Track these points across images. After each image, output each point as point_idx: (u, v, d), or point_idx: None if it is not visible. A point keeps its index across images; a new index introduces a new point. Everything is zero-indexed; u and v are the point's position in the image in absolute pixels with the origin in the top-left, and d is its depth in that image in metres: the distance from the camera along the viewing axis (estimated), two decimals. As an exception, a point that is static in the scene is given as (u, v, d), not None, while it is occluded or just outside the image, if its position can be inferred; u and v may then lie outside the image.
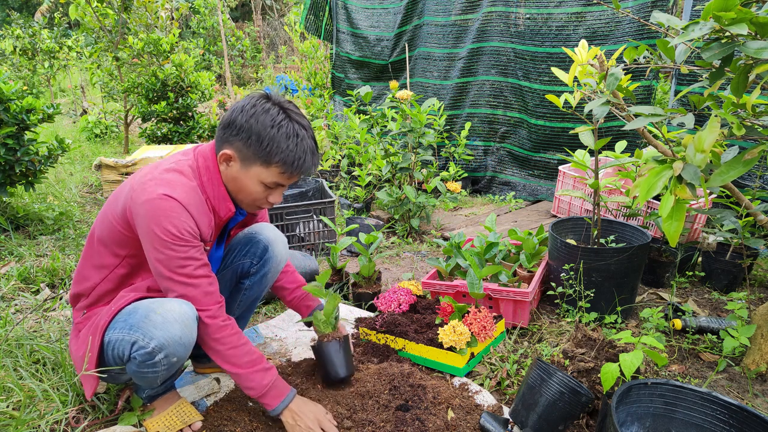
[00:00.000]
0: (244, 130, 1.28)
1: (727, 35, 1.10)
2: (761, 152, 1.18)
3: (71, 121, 8.50)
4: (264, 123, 1.28)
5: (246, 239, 1.65)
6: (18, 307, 2.28)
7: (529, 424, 1.39)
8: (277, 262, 1.67)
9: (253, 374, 1.38)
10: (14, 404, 1.51)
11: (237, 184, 1.36)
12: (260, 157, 1.30)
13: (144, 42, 5.32)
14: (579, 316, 2.03)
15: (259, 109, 1.29)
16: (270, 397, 1.40)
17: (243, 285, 1.67)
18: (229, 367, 1.37)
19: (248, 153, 1.30)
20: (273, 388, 1.40)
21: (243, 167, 1.33)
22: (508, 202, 4.13)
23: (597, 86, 1.72)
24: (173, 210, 1.25)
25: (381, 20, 5.10)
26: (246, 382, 1.38)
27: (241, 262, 1.64)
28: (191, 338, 1.31)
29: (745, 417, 1.21)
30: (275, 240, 1.66)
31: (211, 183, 1.36)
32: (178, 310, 1.28)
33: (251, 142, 1.29)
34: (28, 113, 3.00)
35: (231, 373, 1.38)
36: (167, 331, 1.25)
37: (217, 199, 1.37)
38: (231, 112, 1.32)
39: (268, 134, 1.28)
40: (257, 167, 1.32)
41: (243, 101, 1.32)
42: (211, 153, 1.38)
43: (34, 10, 14.89)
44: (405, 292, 2.06)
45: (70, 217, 3.54)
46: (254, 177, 1.33)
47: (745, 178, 2.94)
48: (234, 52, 11.63)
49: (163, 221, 1.24)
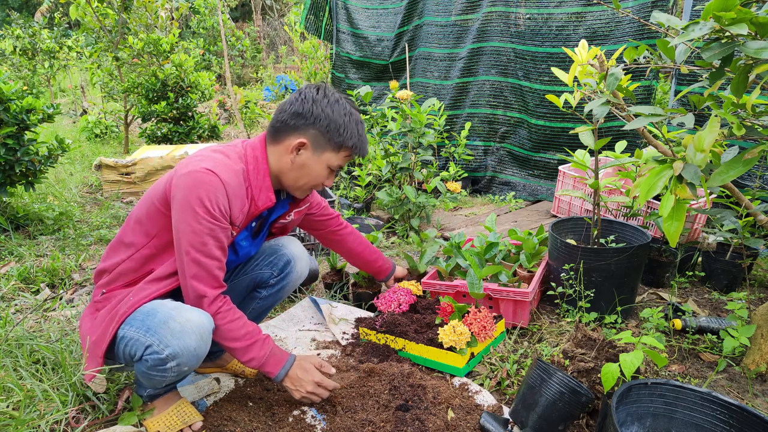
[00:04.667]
0: (322, 118, 1.39)
1: (727, 35, 1.10)
2: (761, 152, 1.18)
3: (71, 121, 8.49)
4: (339, 112, 1.40)
5: (271, 250, 1.69)
6: (18, 307, 2.28)
7: (529, 424, 1.39)
8: (297, 277, 1.73)
9: (252, 346, 1.40)
10: (14, 404, 1.51)
11: (304, 169, 1.44)
12: (335, 142, 1.41)
13: (144, 42, 5.32)
14: (579, 316, 2.03)
15: (331, 99, 1.41)
16: (271, 365, 1.43)
17: (259, 294, 1.69)
18: (228, 342, 1.39)
19: (323, 140, 1.41)
20: (272, 356, 1.43)
21: (315, 153, 1.42)
22: (508, 202, 4.13)
23: (597, 86, 1.72)
24: (212, 184, 1.29)
25: (381, 20, 5.10)
26: (246, 354, 1.40)
27: (261, 272, 1.67)
28: (205, 350, 1.34)
29: (745, 417, 1.21)
30: (300, 257, 1.71)
31: (256, 172, 1.42)
32: (197, 321, 1.30)
33: (329, 129, 1.40)
34: (28, 113, 3.00)
35: (229, 348, 1.40)
36: (183, 341, 1.26)
37: (259, 189, 1.42)
38: (300, 103, 1.40)
39: (344, 122, 1.40)
40: (329, 152, 1.43)
41: (307, 92, 1.41)
42: (261, 144, 1.45)
43: (34, 10, 14.88)
44: (405, 292, 2.06)
45: (70, 217, 3.54)
46: (324, 162, 1.43)
47: (745, 178, 2.94)
48: (234, 52, 11.63)
49: (200, 192, 1.28)
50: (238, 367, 1.77)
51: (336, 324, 2.12)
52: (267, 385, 1.68)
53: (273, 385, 1.67)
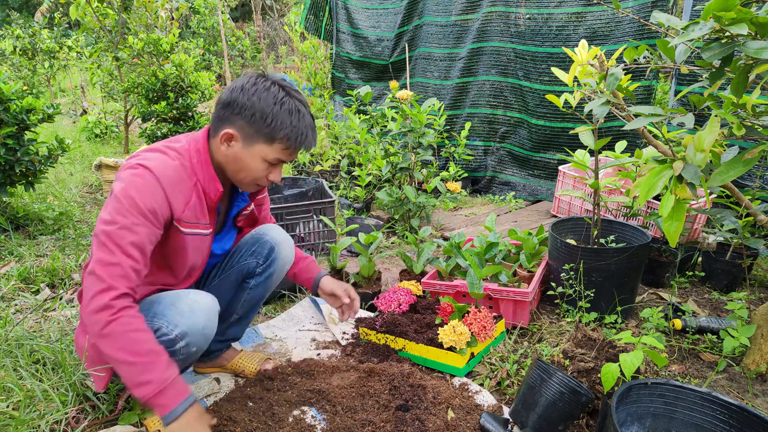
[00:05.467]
0: (247, 108, 1.29)
1: (727, 35, 1.10)
2: (761, 152, 1.18)
3: (71, 121, 8.49)
4: (267, 100, 1.29)
5: (253, 239, 1.66)
6: (18, 307, 2.28)
7: (529, 424, 1.39)
8: (283, 263, 1.69)
9: (155, 363, 1.17)
10: (14, 404, 1.51)
11: (239, 163, 1.36)
12: (264, 134, 1.31)
13: (144, 42, 5.32)
14: (579, 316, 2.03)
15: (260, 87, 1.30)
16: (169, 395, 1.17)
17: (248, 284, 1.68)
18: (125, 355, 1.15)
19: (251, 131, 1.31)
20: (175, 384, 1.18)
21: (245, 145, 1.33)
22: (508, 202, 4.13)
23: (597, 86, 1.72)
24: (143, 177, 1.23)
25: (381, 20, 5.10)
26: (143, 373, 1.15)
27: (247, 262, 1.65)
28: (212, 330, 1.33)
29: (745, 417, 1.21)
30: (282, 242, 1.67)
31: (200, 165, 1.36)
32: (204, 302, 1.30)
33: (255, 119, 1.30)
34: (28, 113, 3.00)
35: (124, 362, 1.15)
36: (192, 320, 1.27)
37: (206, 181, 1.37)
38: (230, 92, 1.32)
39: (272, 111, 1.29)
40: (260, 144, 1.33)
41: (241, 80, 1.33)
42: (202, 136, 1.38)
43: (34, 10, 14.89)
44: (405, 292, 2.06)
45: (70, 217, 3.53)
46: (257, 154, 1.34)
47: (745, 178, 2.94)
48: (234, 52, 11.63)
49: (128, 187, 1.22)
50: (238, 367, 1.77)
51: (336, 324, 2.12)
52: (267, 385, 1.68)
53: (273, 384, 1.67)
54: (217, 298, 1.66)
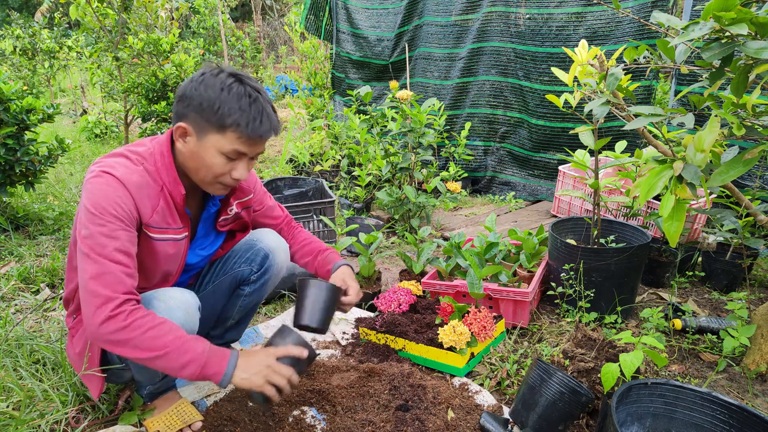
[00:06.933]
0: (195, 98, 1.23)
1: (727, 35, 1.10)
2: (761, 152, 1.18)
3: (71, 121, 8.49)
4: (214, 87, 1.22)
5: (247, 246, 1.63)
6: (18, 307, 2.28)
7: (529, 424, 1.39)
8: (277, 270, 1.66)
9: (185, 345, 1.18)
10: (14, 404, 1.51)
11: (195, 159, 1.28)
12: (214, 123, 1.23)
13: (144, 42, 5.32)
14: (579, 316, 2.03)
15: (207, 75, 1.25)
16: (214, 364, 1.20)
17: (243, 291, 1.66)
18: (150, 352, 1.15)
19: (202, 122, 1.24)
20: (214, 352, 1.21)
21: (199, 138, 1.26)
22: (508, 202, 4.13)
23: (597, 86, 1.72)
24: (109, 184, 1.21)
25: (381, 20, 5.10)
26: (179, 357, 1.17)
27: (241, 269, 1.62)
28: (194, 326, 1.32)
29: (745, 417, 1.21)
30: (276, 248, 1.63)
31: (165, 168, 1.31)
32: (180, 298, 1.28)
33: (203, 108, 1.23)
34: (28, 113, 3.00)
35: (154, 357, 1.16)
36: (169, 315, 1.26)
37: (171, 184, 1.32)
38: (183, 86, 1.27)
39: (219, 97, 1.22)
40: (213, 135, 1.24)
41: (194, 74, 1.28)
42: (166, 139, 1.34)
43: (34, 10, 14.89)
44: (405, 292, 2.06)
45: (70, 217, 3.53)
46: (211, 147, 1.25)
47: (745, 178, 2.94)
48: (234, 52, 11.63)
49: (97, 195, 1.19)
50: None
51: (336, 324, 2.12)
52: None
53: (273, 385, 1.66)
54: (211, 303, 1.65)
